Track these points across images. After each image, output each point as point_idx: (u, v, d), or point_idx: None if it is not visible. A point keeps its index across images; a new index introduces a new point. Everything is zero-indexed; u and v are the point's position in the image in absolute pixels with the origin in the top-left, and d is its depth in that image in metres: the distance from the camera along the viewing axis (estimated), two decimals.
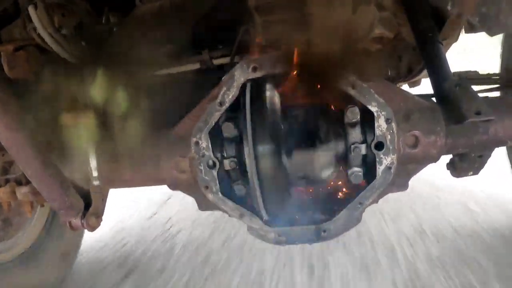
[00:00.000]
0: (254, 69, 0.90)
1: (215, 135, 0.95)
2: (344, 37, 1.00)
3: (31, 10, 1.11)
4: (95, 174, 1.09)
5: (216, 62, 1.14)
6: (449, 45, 1.34)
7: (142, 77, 1.23)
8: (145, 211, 2.94)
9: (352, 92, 0.91)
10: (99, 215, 1.17)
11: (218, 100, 0.92)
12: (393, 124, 0.92)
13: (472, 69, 1.27)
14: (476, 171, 1.10)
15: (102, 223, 1.17)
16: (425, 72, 1.33)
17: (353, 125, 0.93)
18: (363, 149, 0.93)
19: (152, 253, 2.23)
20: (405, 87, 1.73)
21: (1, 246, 1.61)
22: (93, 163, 1.10)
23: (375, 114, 0.92)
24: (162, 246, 2.31)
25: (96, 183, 1.10)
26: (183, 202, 2.92)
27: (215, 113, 0.93)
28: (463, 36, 1.39)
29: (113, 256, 2.25)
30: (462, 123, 0.96)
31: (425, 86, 1.43)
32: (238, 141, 0.93)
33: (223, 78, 0.93)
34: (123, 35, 1.34)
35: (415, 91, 1.22)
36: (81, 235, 2.14)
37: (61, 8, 1.26)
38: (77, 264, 2.11)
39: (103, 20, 1.43)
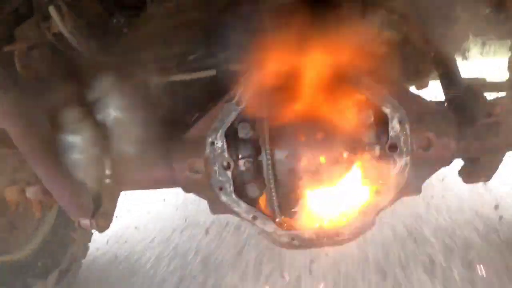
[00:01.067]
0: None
1: (230, 135, 0.96)
2: (355, 40, 1.00)
3: (51, 9, 1.11)
4: (107, 174, 1.09)
5: (232, 67, 1.14)
6: (457, 49, 1.35)
7: (155, 78, 1.24)
8: None
9: (366, 93, 0.92)
10: (109, 216, 1.17)
11: (235, 100, 0.93)
12: (407, 126, 0.93)
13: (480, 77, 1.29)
14: (487, 177, 1.11)
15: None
16: (432, 74, 1.35)
17: (367, 127, 0.94)
18: (377, 150, 0.94)
19: None
20: (412, 89, 1.74)
21: None
22: (106, 164, 1.10)
23: (389, 115, 0.92)
24: None
25: (108, 183, 1.10)
26: None
27: (232, 113, 0.93)
28: None
29: None
30: (474, 125, 0.97)
31: (433, 89, 1.45)
32: (254, 142, 0.93)
33: (240, 79, 0.94)
34: (134, 36, 1.34)
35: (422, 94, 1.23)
36: None
37: (74, 9, 1.27)
38: None
39: (113, 21, 1.43)
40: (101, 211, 1.15)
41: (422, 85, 1.50)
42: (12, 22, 1.26)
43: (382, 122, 0.94)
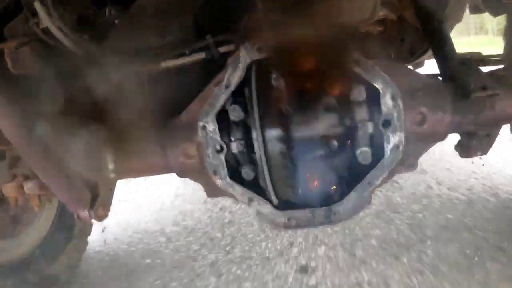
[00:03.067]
0: (259, 50, 0.90)
1: (222, 119, 0.95)
2: (347, 19, 0.99)
3: (37, 5, 1.11)
4: (110, 166, 1.10)
5: (222, 49, 1.13)
6: (452, 26, 1.34)
7: (147, 68, 1.23)
8: None
9: (357, 69, 0.91)
10: (107, 206, 1.17)
11: (224, 83, 0.92)
12: (399, 101, 0.92)
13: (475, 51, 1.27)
14: (484, 151, 1.09)
15: None
16: (428, 53, 1.33)
17: (359, 104, 0.93)
18: (370, 127, 0.93)
19: None
20: None
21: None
22: (101, 153, 1.11)
23: (381, 91, 0.91)
24: None
25: (111, 174, 1.10)
26: None
27: (222, 96, 0.93)
28: None
29: None
30: (468, 99, 0.96)
31: (429, 68, 1.43)
32: (245, 124, 0.93)
33: (228, 60, 0.93)
34: (125, 27, 1.34)
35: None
36: None
37: (63, 3, 1.26)
38: None
39: (105, 13, 1.42)
40: (99, 201, 1.16)
41: (418, 63, 1.48)
42: (0, 21, 1.26)
43: (374, 98, 0.93)
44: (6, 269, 1.58)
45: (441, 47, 1.11)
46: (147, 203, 3.01)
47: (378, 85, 0.91)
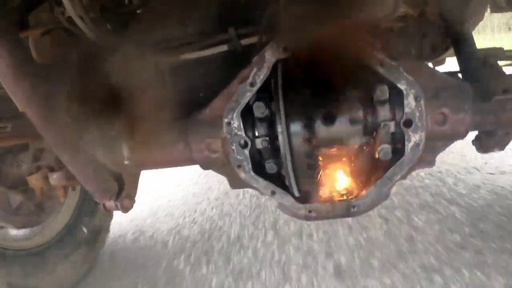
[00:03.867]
0: (285, 49, 0.92)
1: (246, 115, 0.98)
2: (370, 15, 1.00)
3: None
4: (127, 156, 1.12)
5: (244, 42, 1.14)
6: (474, 24, 1.33)
7: (167, 59, 1.25)
8: None
9: (381, 70, 0.92)
10: (132, 197, 1.22)
11: (249, 81, 0.94)
12: (422, 102, 0.93)
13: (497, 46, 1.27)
14: (501, 147, 1.12)
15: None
16: (449, 51, 1.33)
17: (382, 103, 0.95)
18: (392, 126, 0.95)
19: None
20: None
21: None
22: (125, 146, 1.14)
23: (404, 92, 0.93)
24: None
25: (128, 164, 1.13)
26: None
27: (247, 94, 0.95)
28: None
29: None
30: (490, 101, 0.97)
31: (450, 65, 1.43)
32: (269, 120, 0.95)
33: (253, 59, 0.95)
34: (147, 17, 1.34)
35: (440, 69, 1.22)
36: None
37: None
38: None
39: (127, 3, 1.43)
40: (124, 193, 1.20)
41: (438, 61, 1.48)
42: (25, 9, 1.27)
43: (397, 98, 0.94)
44: None
45: (462, 45, 1.11)
46: None
47: (401, 86, 0.92)
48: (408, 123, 0.94)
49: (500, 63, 1.09)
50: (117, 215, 2.32)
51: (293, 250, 1.93)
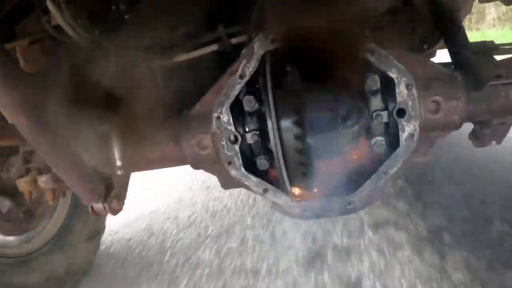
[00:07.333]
0: (273, 41, 0.90)
1: (236, 109, 0.96)
2: (358, 9, 0.99)
3: (49, 3, 1.11)
4: (118, 157, 1.10)
5: (234, 40, 1.14)
6: (463, 16, 1.33)
7: (158, 62, 1.24)
8: None
9: (371, 59, 0.91)
10: (121, 199, 1.18)
11: (238, 73, 0.92)
12: (414, 90, 0.91)
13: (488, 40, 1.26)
14: (498, 140, 1.09)
15: None
16: (439, 43, 1.33)
17: (374, 93, 0.93)
18: (385, 116, 0.93)
19: None
20: None
21: None
22: (115, 147, 1.11)
23: (395, 80, 0.91)
24: None
25: (119, 166, 1.11)
26: None
27: (236, 86, 0.93)
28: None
29: None
30: (483, 88, 0.96)
31: (441, 57, 1.43)
32: (260, 114, 0.93)
33: (242, 51, 0.93)
34: (135, 22, 1.34)
35: None
36: None
37: (73, 0, 1.27)
38: None
39: (115, 8, 1.42)
40: (113, 194, 1.17)
41: (429, 54, 1.47)
42: (13, 19, 1.26)
43: (389, 87, 0.93)
44: None
45: (453, 37, 1.10)
46: None
47: (392, 75, 0.91)
48: (401, 113, 0.92)
49: None
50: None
51: None
